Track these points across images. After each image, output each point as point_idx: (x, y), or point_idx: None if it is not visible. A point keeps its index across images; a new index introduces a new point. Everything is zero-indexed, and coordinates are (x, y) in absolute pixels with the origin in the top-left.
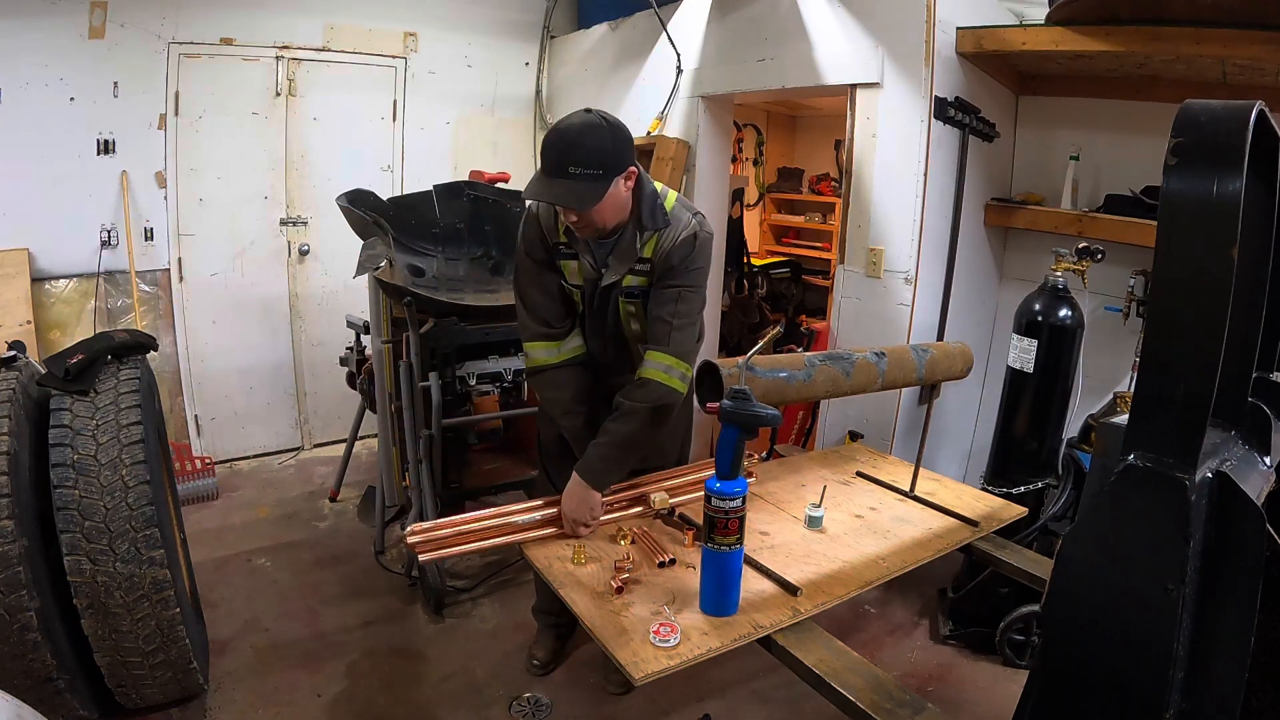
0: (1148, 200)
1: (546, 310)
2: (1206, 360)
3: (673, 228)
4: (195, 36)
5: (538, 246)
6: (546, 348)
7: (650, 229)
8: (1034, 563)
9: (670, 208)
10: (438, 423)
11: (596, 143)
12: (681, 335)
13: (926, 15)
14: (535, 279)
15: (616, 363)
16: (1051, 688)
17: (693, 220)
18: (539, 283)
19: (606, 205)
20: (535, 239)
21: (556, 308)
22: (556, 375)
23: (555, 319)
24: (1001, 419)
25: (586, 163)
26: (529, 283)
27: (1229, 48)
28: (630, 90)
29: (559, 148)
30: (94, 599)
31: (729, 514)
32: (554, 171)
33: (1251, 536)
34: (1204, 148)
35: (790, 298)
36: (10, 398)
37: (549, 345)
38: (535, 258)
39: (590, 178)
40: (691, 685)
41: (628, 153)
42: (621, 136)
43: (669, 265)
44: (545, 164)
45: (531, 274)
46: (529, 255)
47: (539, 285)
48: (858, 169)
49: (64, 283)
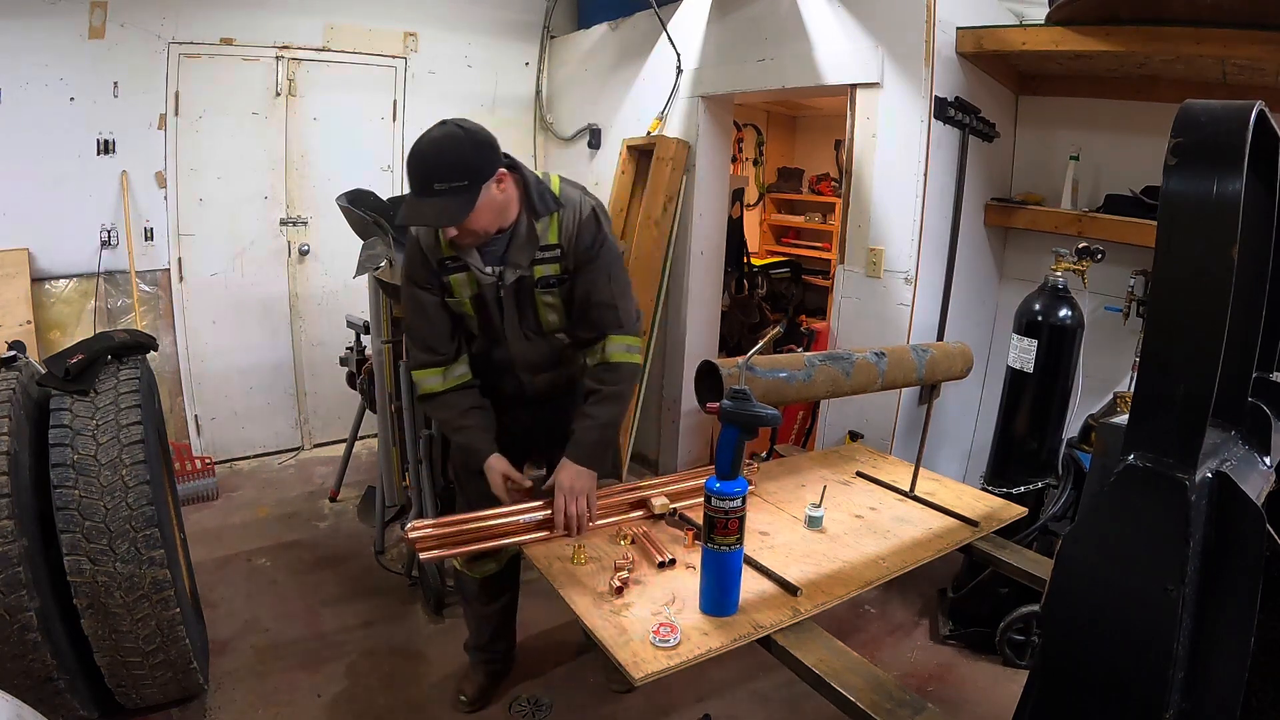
0: (1148, 200)
1: (430, 335)
2: (1206, 360)
3: (569, 208)
4: (195, 36)
5: (420, 270)
6: (433, 374)
7: (544, 214)
8: (1034, 563)
9: (558, 190)
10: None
11: (457, 155)
12: (627, 310)
13: (926, 15)
14: (417, 305)
15: (541, 360)
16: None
17: (584, 197)
18: (420, 308)
19: (482, 213)
20: (418, 262)
21: (441, 331)
22: (446, 398)
23: (440, 343)
24: (1001, 419)
25: (450, 177)
26: (412, 309)
27: (1229, 48)
28: (630, 90)
29: (421, 167)
30: (94, 599)
31: (729, 514)
32: (421, 191)
33: (1251, 536)
34: (1204, 148)
35: (790, 298)
36: (10, 398)
37: (435, 372)
38: (417, 282)
39: (457, 190)
40: (691, 685)
41: (492, 157)
42: (482, 142)
43: (583, 246)
44: (412, 185)
45: (412, 300)
46: (411, 280)
47: (420, 311)
48: (858, 169)
49: (64, 283)
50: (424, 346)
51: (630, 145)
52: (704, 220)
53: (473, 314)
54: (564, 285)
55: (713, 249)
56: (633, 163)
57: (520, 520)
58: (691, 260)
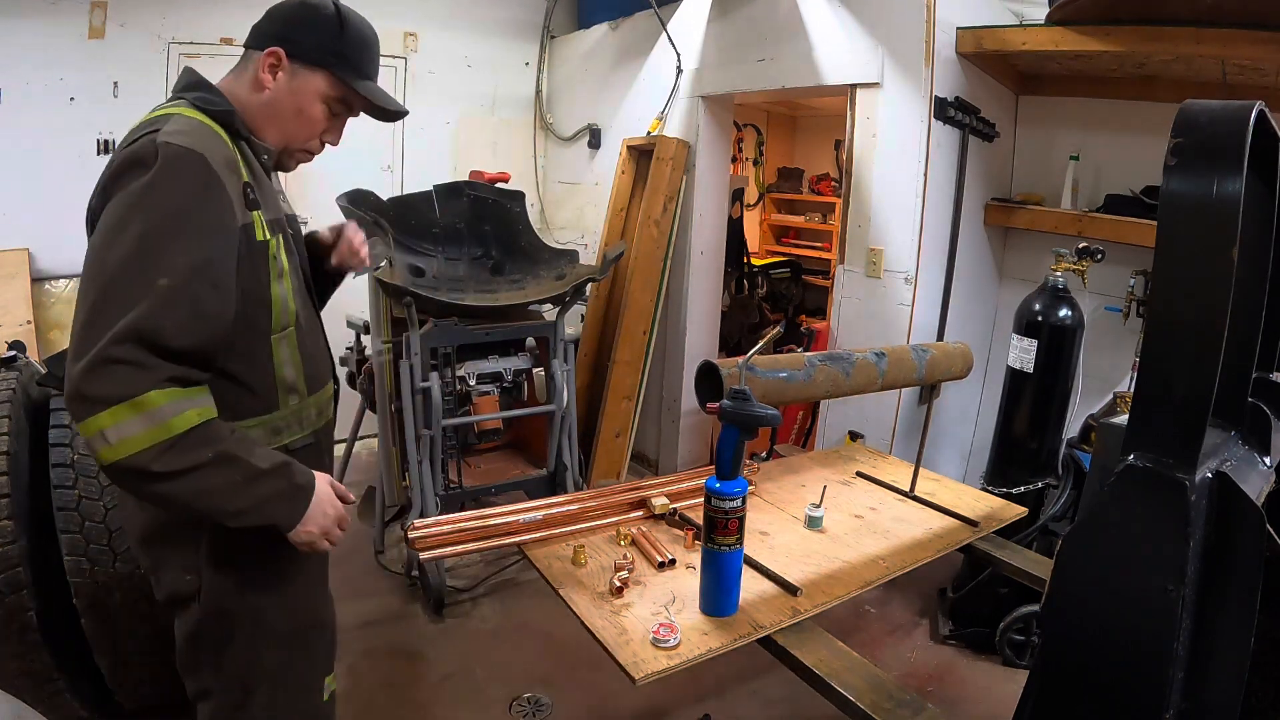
0: (1148, 200)
1: (215, 318)
2: (1206, 360)
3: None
4: (195, 36)
5: (230, 209)
6: (199, 394)
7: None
8: (1034, 563)
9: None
10: (438, 423)
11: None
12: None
13: (926, 15)
14: (202, 266)
15: (318, 327)
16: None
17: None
18: (207, 269)
19: None
20: (225, 199)
21: (228, 311)
22: (216, 427)
23: (223, 330)
24: (1001, 419)
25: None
26: (194, 276)
27: (1229, 48)
28: (630, 90)
29: (376, 44)
30: (94, 599)
31: (729, 514)
32: (377, 75)
33: (1251, 536)
34: (1204, 148)
35: (790, 298)
36: (10, 398)
37: (200, 391)
38: (209, 226)
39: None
40: (691, 685)
41: None
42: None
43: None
44: (371, 68)
45: (199, 260)
46: (222, 230)
47: (206, 275)
48: (858, 169)
49: (64, 283)
50: (193, 342)
51: (630, 145)
52: (704, 220)
53: (287, 274)
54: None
55: (713, 249)
56: (633, 163)
57: (520, 520)
58: (691, 260)
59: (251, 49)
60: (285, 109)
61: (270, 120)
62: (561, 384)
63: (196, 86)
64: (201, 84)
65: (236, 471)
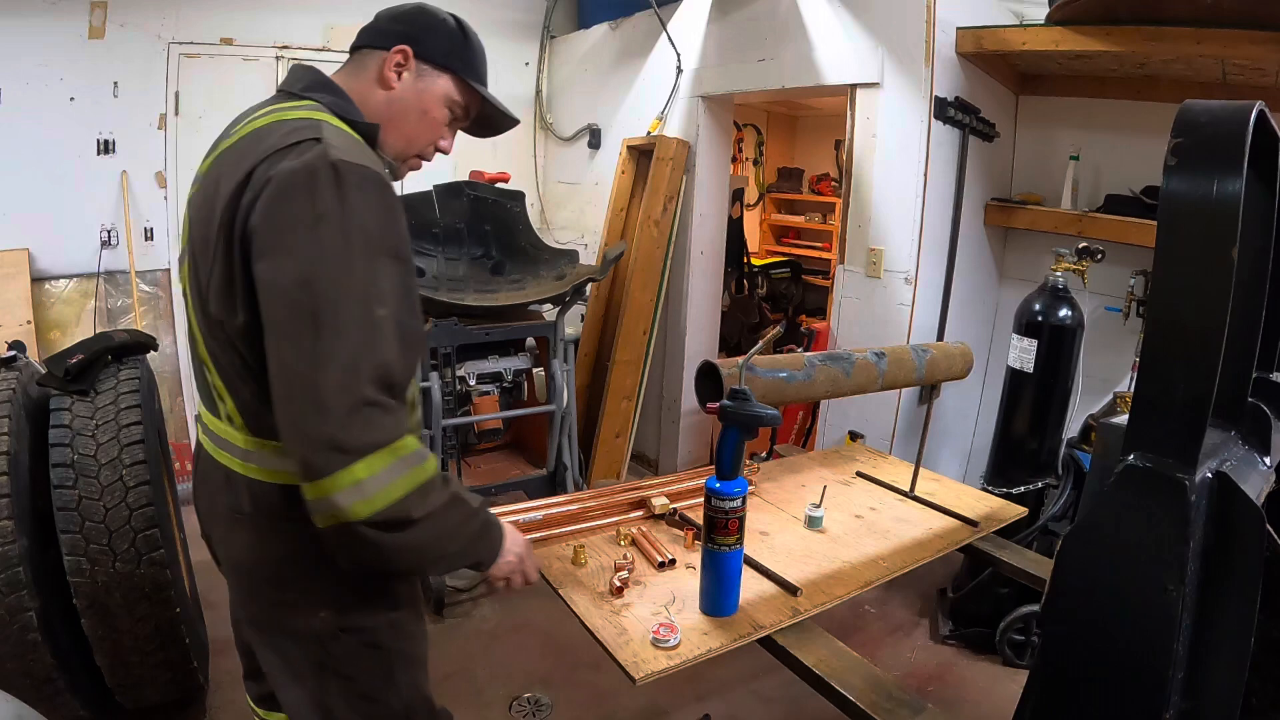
0: (1148, 200)
1: (416, 356)
2: (1206, 360)
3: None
4: (195, 36)
5: (406, 233)
6: (414, 440)
7: None
8: (1034, 563)
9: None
10: (438, 423)
11: None
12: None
13: (926, 15)
14: (407, 295)
15: None
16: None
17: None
18: (413, 301)
19: None
20: (403, 220)
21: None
22: (443, 478)
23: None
24: (1001, 419)
25: None
26: (402, 306)
27: (1229, 48)
28: (630, 90)
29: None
30: (94, 599)
31: (729, 514)
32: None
33: (1251, 536)
34: (1204, 148)
35: (790, 298)
36: (10, 398)
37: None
38: (405, 254)
39: None
40: (691, 685)
41: None
42: None
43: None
44: (484, 76)
45: (403, 288)
46: (398, 254)
47: (413, 309)
48: (858, 169)
49: (64, 283)
50: (408, 375)
51: (630, 145)
52: (704, 220)
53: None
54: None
55: (713, 249)
56: (633, 163)
57: (520, 520)
58: (691, 260)
59: (369, 48)
60: (410, 109)
61: (392, 122)
62: (561, 384)
63: (325, 88)
64: (331, 87)
65: (460, 511)
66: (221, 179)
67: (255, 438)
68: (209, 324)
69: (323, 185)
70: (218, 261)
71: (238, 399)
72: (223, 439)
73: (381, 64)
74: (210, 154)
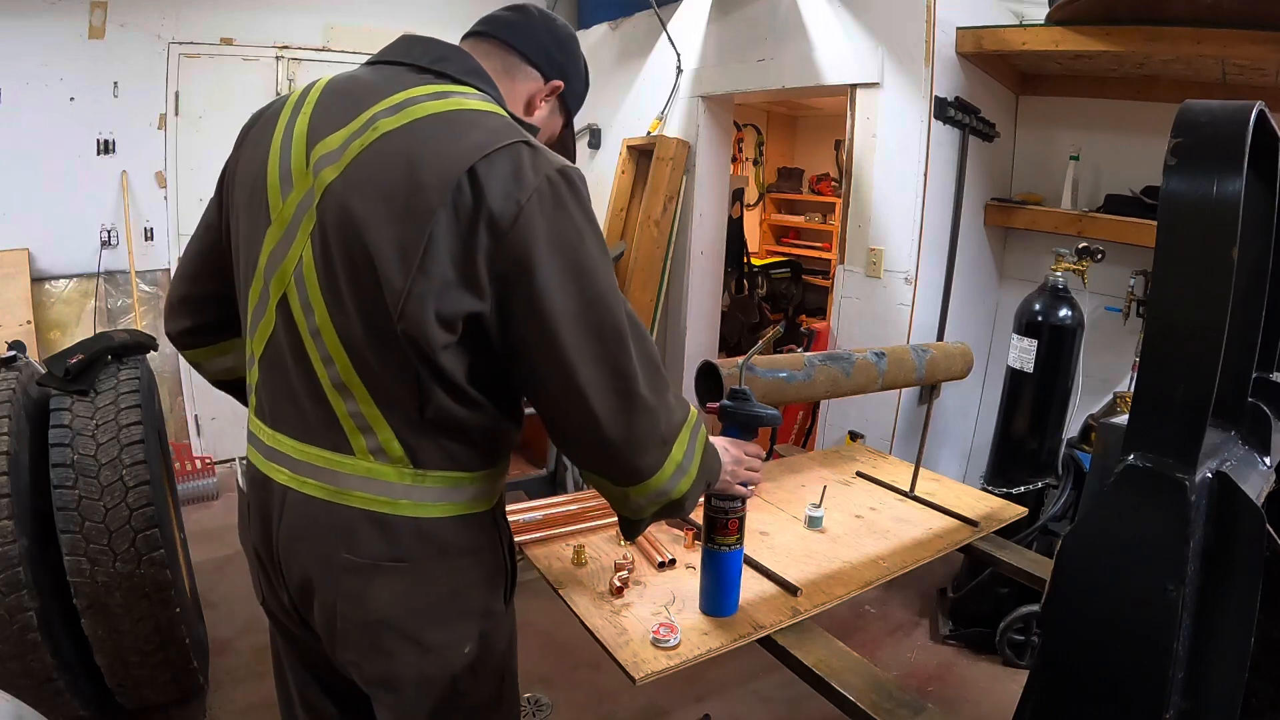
0: (1148, 200)
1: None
2: (1206, 360)
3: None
4: (195, 36)
5: None
6: None
7: None
8: (1034, 563)
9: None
10: None
11: None
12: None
13: (926, 15)
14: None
15: None
16: (1051, 688)
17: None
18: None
19: None
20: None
21: None
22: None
23: None
24: (1001, 419)
25: None
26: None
27: (1229, 48)
28: (630, 90)
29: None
30: (94, 599)
31: (729, 514)
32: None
33: (1251, 536)
34: (1204, 148)
35: (790, 298)
36: (10, 398)
37: None
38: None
39: None
40: (691, 685)
41: None
42: None
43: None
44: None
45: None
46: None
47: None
48: (858, 169)
49: (64, 283)
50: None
51: (630, 145)
52: (704, 220)
53: None
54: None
55: (713, 249)
56: (633, 163)
57: (520, 520)
58: (691, 260)
59: (522, 58)
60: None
61: None
62: None
63: (488, 83)
64: (493, 84)
65: (704, 435)
66: (414, 169)
67: (417, 469)
68: (379, 340)
69: (570, 195)
70: (431, 272)
71: (403, 428)
72: (361, 479)
73: (536, 91)
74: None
